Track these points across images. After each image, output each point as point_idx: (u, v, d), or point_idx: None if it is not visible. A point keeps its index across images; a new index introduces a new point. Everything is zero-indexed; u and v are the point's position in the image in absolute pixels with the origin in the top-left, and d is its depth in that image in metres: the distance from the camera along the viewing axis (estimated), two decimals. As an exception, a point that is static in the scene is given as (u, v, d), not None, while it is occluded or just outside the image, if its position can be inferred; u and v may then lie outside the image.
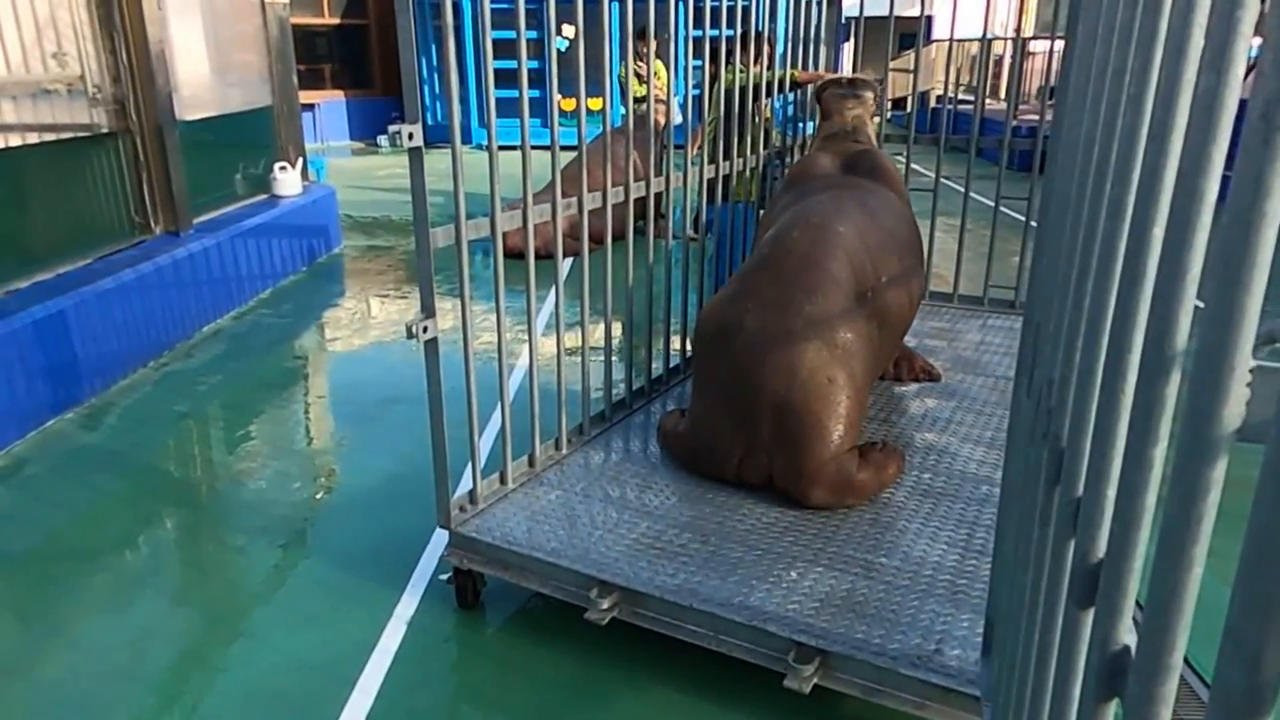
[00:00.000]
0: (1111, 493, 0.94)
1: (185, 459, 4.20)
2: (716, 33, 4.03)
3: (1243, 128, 0.67)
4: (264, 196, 7.70)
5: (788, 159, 5.19)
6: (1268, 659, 0.57)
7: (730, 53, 4.15)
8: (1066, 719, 1.03)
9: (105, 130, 5.69)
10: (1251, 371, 0.65)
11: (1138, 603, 0.91)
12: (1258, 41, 0.83)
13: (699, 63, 4.13)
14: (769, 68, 4.78)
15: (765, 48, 4.74)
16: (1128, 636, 0.84)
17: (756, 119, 4.59)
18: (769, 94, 4.66)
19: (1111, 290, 1.04)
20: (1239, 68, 0.81)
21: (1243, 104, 0.80)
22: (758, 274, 3.27)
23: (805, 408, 2.95)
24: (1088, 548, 0.97)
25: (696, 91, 4.69)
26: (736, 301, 3.18)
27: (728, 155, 4.20)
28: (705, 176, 4.09)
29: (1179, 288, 0.76)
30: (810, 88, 5.00)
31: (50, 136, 5.23)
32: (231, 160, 7.44)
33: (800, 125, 5.20)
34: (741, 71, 4.36)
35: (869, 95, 4.48)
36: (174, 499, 3.78)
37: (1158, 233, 0.86)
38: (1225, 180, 0.71)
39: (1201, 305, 0.68)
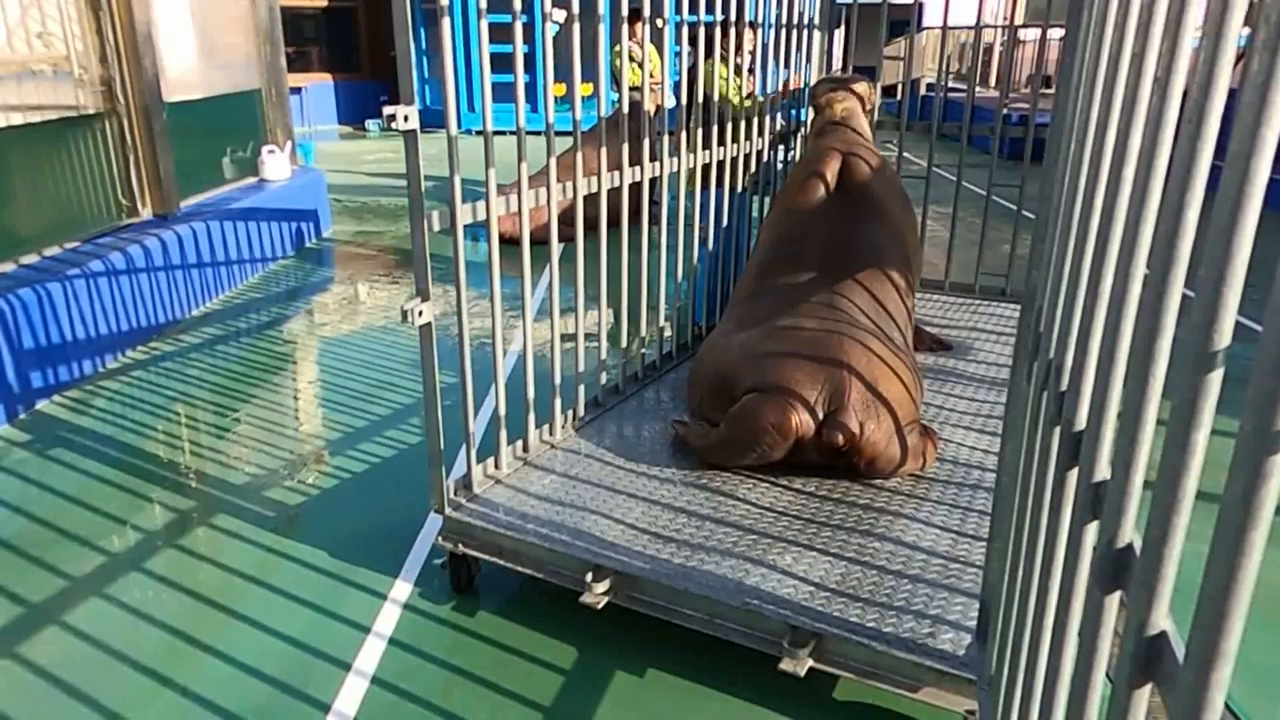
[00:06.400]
0: (1139, 478, 0.94)
1: (176, 443, 4.18)
2: (711, 18, 4.00)
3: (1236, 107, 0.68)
4: (252, 180, 7.65)
5: (792, 145, 5.18)
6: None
7: (710, 41, 4.11)
8: (1088, 703, 1.03)
9: (91, 111, 5.63)
10: None
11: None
12: (1246, 31, 0.83)
13: (690, 49, 4.11)
14: (751, 53, 4.74)
15: (748, 35, 4.69)
16: (1164, 622, 0.85)
17: (742, 106, 4.55)
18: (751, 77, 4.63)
19: (1136, 275, 1.04)
20: (1230, 51, 0.81)
21: (1232, 92, 0.81)
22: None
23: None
24: (1114, 533, 0.97)
25: (675, 78, 4.65)
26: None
27: (707, 145, 4.15)
28: (686, 166, 4.03)
29: (1228, 271, 0.74)
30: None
31: (36, 118, 5.17)
32: (219, 143, 7.38)
33: (795, 112, 5.19)
34: (722, 67, 4.33)
35: (861, 87, 4.45)
36: (165, 483, 3.76)
37: (1191, 216, 0.86)
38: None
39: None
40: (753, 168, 4.84)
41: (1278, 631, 2.78)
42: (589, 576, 2.64)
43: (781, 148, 5.10)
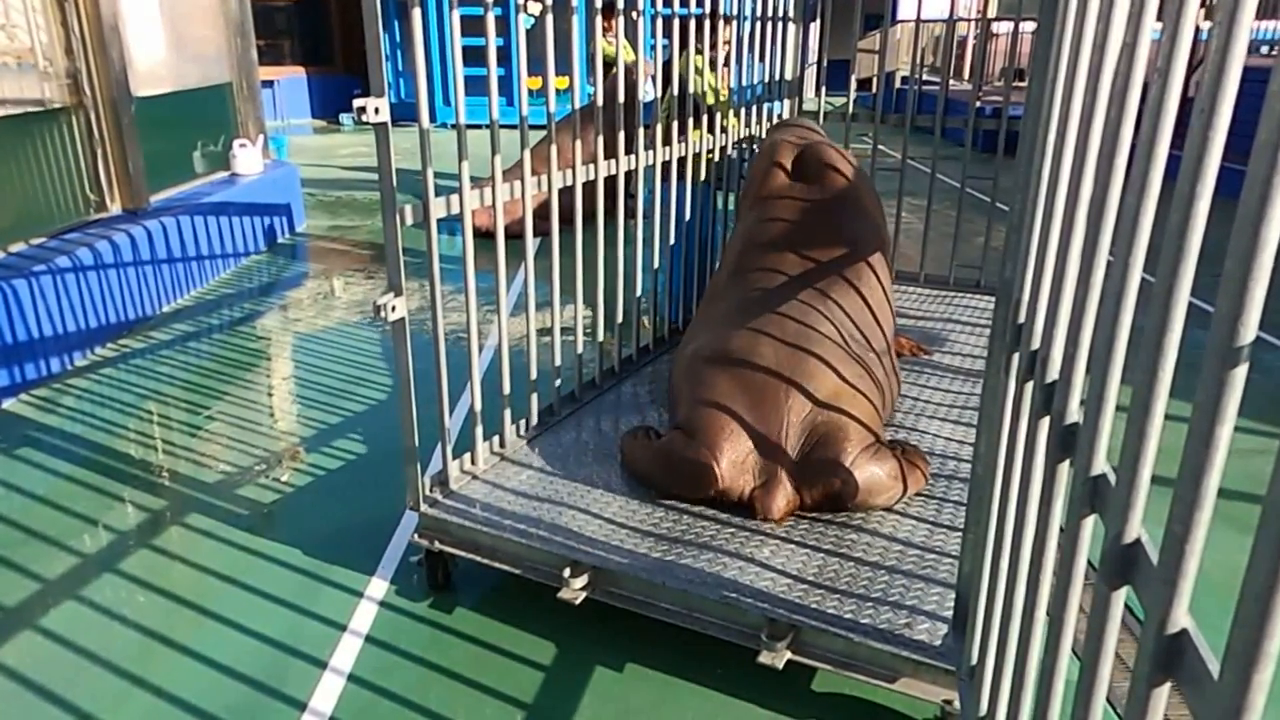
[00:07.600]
0: (1147, 474, 0.93)
1: (147, 441, 4.12)
2: (685, 11, 3.98)
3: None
4: (224, 174, 7.55)
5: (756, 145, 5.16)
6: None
7: (685, 34, 4.08)
8: (1094, 697, 1.03)
9: (58, 105, 5.53)
10: None
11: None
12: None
13: (665, 42, 4.09)
14: (726, 43, 4.73)
15: (723, 29, 4.68)
16: (1184, 619, 0.84)
17: (719, 103, 4.55)
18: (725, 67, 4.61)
19: (1135, 267, 1.02)
20: (1243, 39, 0.80)
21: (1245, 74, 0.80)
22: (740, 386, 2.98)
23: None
24: (1121, 528, 0.96)
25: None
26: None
27: (682, 135, 4.14)
28: (660, 158, 4.00)
29: (1254, 264, 0.71)
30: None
31: (0, 112, 5.08)
32: (190, 137, 7.27)
33: (771, 105, 5.18)
34: (698, 59, 4.31)
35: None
36: (136, 482, 3.71)
37: (1202, 208, 0.83)
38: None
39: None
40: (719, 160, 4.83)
41: None
42: (567, 572, 2.63)
43: (745, 144, 5.05)
